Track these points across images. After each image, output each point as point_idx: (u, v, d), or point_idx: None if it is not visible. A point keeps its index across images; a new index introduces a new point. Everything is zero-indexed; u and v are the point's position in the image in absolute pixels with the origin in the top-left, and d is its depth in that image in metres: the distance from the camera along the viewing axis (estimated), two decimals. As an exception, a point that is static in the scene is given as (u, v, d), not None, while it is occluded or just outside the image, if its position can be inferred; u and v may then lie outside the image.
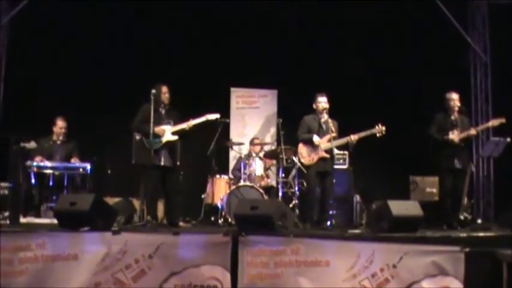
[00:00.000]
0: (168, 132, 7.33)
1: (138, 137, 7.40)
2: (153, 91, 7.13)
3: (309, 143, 7.70)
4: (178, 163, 7.55)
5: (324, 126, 7.73)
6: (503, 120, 7.88)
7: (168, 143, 7.33)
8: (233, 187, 8.48)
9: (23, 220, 7.38)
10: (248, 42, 10.38)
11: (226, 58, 10.32)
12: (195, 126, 7.46)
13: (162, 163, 7.30)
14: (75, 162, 8.27)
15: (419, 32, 10.27)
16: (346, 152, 9.35)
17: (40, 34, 9.60)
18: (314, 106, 7.83)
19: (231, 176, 9.24)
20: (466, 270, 5.58)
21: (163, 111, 7.47)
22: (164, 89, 7.47)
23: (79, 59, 9.88)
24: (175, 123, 7.42)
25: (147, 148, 7.22)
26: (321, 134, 7.70)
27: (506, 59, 10.03)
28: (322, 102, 7.75)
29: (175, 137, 7.38)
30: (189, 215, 8.71)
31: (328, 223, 7.48)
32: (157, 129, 7.22)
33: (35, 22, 9.48)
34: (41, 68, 9.64)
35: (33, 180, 8.03)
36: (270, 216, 5.83)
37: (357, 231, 7.34)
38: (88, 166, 8.17)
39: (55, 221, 6.17)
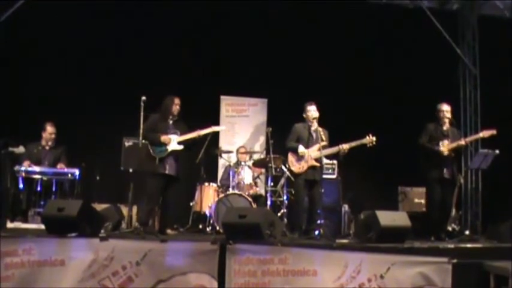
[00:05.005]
0: (174, 142, 7.35)
1: (143, 143, 7.36)
2: (143, 98, 7.14)
3: (295, 152, 7.70)
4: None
5: (314, 134, 7.70)
6: (494, 132, 7.91)
7: (173, 152, 7.35)
8: (221, 195, 8.45)
9: (10, 225, 7.36)
10: (238, 50, 10.39)
11: (216, 66, 10.33)
12: (204, 136, 7.56)
13: (166, 171, 7.31)
14: (61, 168, 8.22)
15: (409, 44, 10.34)
16: (335, 162, 9.36)
17: (29, 38, 9.52)
18: (304, 115, 7.80)
19: (219, 184, 9.21)
20: (453, 282, 5.63)
21: (171, 122, 7.52)
22: (176, 100, 7.56)
23: (69, 63, 9.83)
24: (182, 134, 7.45)
25: (152, 156, 7.26)
26: (311, 143, 7.67)
27: (495, 72, 10.14)
28: (312, 110, 7.72)
29: (181, 147, 7.40)
30: (177, 222, 8.66)
31: (316, 233, 7.44)
32: (164, 137, 7.28)
33: (25, 27, 9.44)
34: (29, 73, 9.59)
35: (21, 185, 7.97)
36: (258, 225, 5.83)
37: (344, 241, 7.31)
38: (76, 172, 8.12)
39: (42, 227, 6.17)
